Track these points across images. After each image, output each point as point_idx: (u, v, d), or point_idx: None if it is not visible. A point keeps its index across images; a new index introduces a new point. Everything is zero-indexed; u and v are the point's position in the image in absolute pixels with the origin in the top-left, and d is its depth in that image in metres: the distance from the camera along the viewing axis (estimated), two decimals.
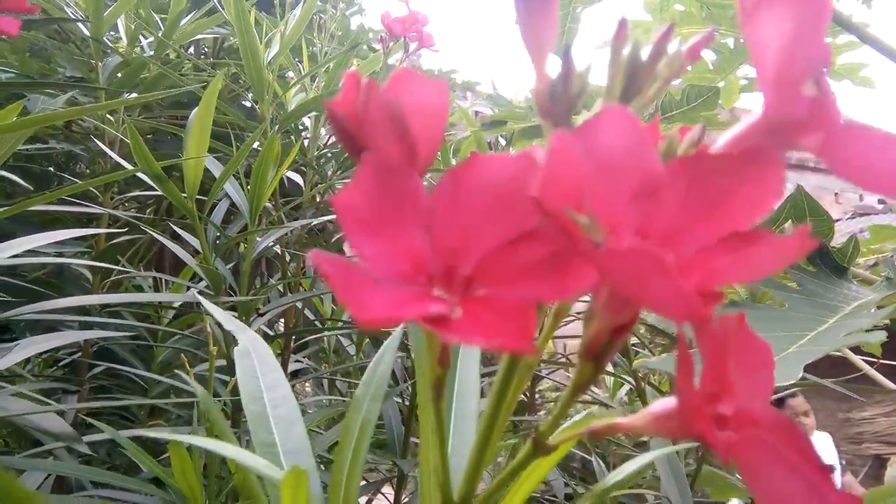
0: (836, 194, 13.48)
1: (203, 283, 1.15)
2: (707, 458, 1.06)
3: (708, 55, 1.92)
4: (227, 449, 0.34)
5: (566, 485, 1.45)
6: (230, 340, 1.01)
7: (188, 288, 1.25)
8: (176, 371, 1.22)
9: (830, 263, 0.70)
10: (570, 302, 0.23)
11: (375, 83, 0.23)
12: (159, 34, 1.39)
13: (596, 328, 0.22)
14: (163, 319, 1.31)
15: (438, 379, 0.25)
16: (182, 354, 1.28)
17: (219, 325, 0.71)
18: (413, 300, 0.20)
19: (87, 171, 1.50)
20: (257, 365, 0.47)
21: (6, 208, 0.81)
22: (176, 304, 1.30)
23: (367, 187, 0.22)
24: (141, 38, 1.43)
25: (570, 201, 0.18)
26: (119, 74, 1.31)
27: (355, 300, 0.18)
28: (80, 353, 1.21)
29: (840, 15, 1.22)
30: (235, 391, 0.94)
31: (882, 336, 0.46)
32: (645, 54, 0.22)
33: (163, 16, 1.45)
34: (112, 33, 1.43)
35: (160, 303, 1.27)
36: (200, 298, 0.55)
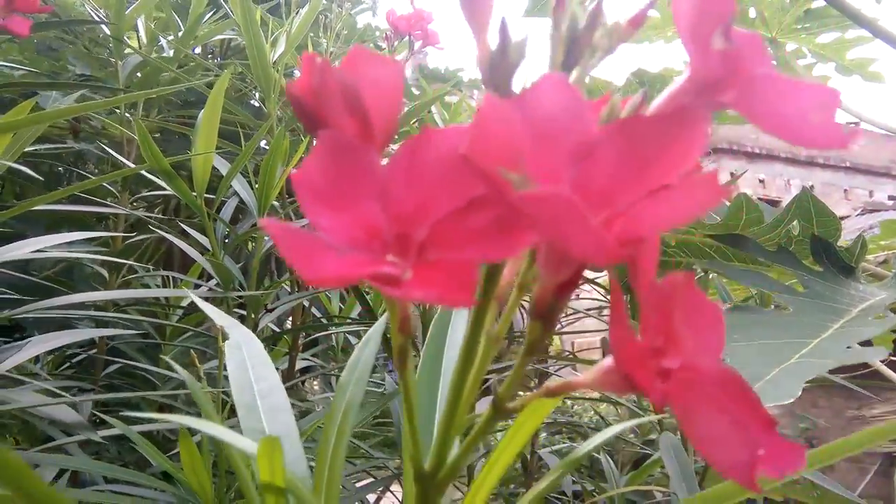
0: (845, 191, 13.34)
1: (213, 282, 1.17)
2: None
3: None
4: (210, 427, 0.35)
5: (574, 482, 1.45)
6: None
7: (197, 286, 1.27)
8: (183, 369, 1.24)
9: (838, 263, 0.69)
10: (534, 276, 0.24)
11: (328, 62, 0.24)
12: (179, 34, 1.41)
13: (540, 287, 0.23)
14: (171, 317, 1.33)
15: (401, 347, 0.26)
16: (192, 352, 1.30)
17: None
18: (365, 262, 0.21)
19: (97, 170, 1.53)
20: (247, 357, 0.48)
21: (23, 203, 0.83)
22: (184, 303, 1.32)
23: (323, 162, 0.23)
24: (160, 37, 1.45)
25: (502, 160, 0.19)
26: (138, 74, 1.34)
27: (304, 261, 0.19)
28: (94, 350, 1.23)
29: (851, 8, 1.21)
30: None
31: (883, 353, 0.45)
32: (583, 24, 0.22)
33: (182, 15, 1.48)
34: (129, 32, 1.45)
35: (168, 301, 1.29)
36: (191, 295, 0.56)
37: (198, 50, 1.80)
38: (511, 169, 0.19)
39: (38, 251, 0.85)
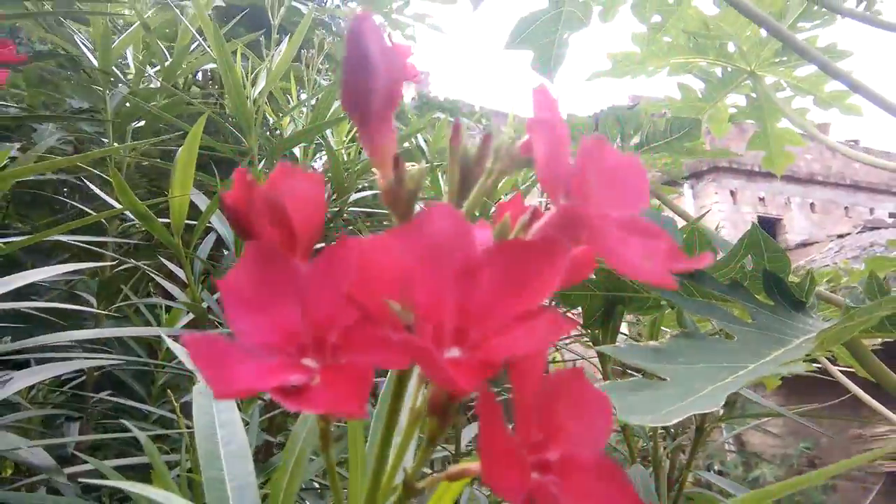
0: (846, 208, 13.43)
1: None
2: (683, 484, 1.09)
3: (697, 84, 1.96)
4: (158, 494, 0.37)
5: None
6: None
7: (188, 312, 1.29)
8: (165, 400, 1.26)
9: (789, 297, 0.73)
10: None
11: (254, 180, 0.27)
12: (166, 64, 1.44)
13: (433, 390, 0.25)
14: (162, 344, 1.35)
15: (322, 430, 0.28)
16: (180, 380, 1.32)
17: None
18: (275, 371, 0.23)
19: (76, 196, 1.55)
20: (213, 403, 0.50)
21: (33, 236, 0.85)
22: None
23: (249, 269, 0.26)
24: (148, 67, 1.49)
25: (389, 290, 0.22)
26: (127, 104, 1.37)
27: (213, 377, 0.22)
28: (84, 378, 1.26)
29: (807, 48, 1.25)
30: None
31: (800, 369, 0.48)
32: (473, 156, 0.25)
33: (168, 44, 1.51)
34: (120, 61, 1.48)
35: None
36: (167, 339, 0.58)
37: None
38: (398, 295, 0.22)
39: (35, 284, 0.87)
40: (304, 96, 1.52)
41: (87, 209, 1.25)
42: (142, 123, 1.40)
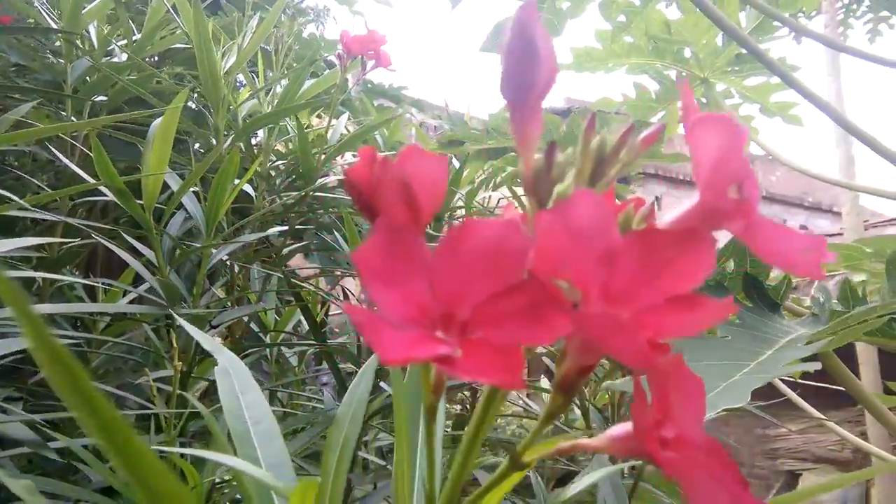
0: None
1: (142, 287, 1.15)
2: (642, 476, 1.13)
3: (652, 85, 2.03)
4: (237, 462, 0.37)
5: (504, 498, 1.51)
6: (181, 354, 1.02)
7: (125, 293, 1.25)
8: (107, 379, 1.22)
9: (766, 299, 0.77)
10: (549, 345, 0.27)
11: (389, 160, 0.27)
12: (134, 39, 1.38)
13: (567, 367, 0.27)
14: (98, 324, 1.30)
15: (432, 405, 0.29)
16: (115, 361, 1.28)
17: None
18: (424, 342, 0.24)
19: (31, 166, 1.48)
20: (237, 384, 0.50)
21: None
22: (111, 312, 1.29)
23: (380, 245, 0.26)
24: (113, 42, 1.42)
25: (554, 269, 0.23)
26: (88, 78, 1.30)
27: (379, 344, 0.23)
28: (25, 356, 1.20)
29: (771, 61, 1.32)
30: (180, 404, 0.96)
31: (817, 365, 0.52)
32: (610, 147, 0.27)
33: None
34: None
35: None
36: (181, 320, 0.57)
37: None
38: (559, 274, 0.23)
39: None
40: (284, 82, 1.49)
41: (43, 185, 1.19)
42: (103, 98, 1.34)
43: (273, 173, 1.48)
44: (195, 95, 1.49)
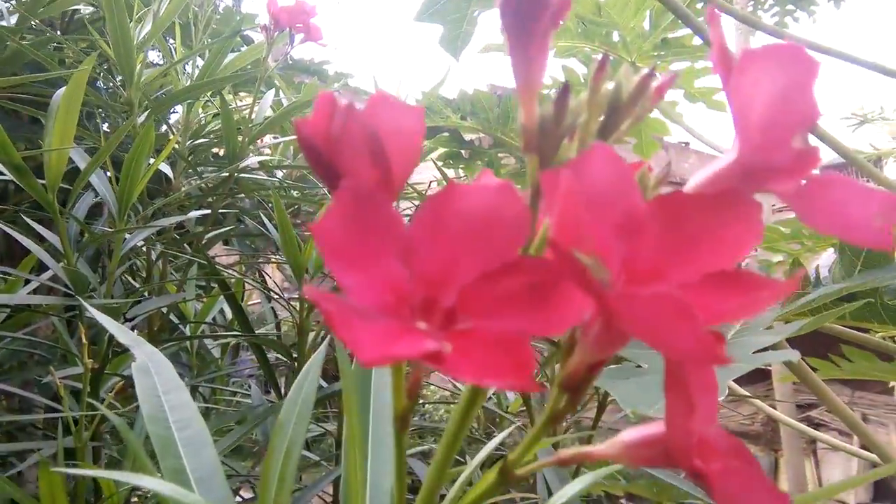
0: None
1: (46, 275, 1.05)
2: None
3: (580, 68, 2.02)
4: (154, 483, 0.31)
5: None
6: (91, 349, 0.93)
7: (27, 281, 1.14)
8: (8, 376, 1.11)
9: None
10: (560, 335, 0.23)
11: (354, 106, 0.22)
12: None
13: (577, 361, 0.22)
14: None
15: (405, 411, 0.24)
16: (18, 356, 1.16)
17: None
18: (405, 336, 0.19)
19: None
20: (159, 383, 0.44)
21: None
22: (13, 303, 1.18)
23: (346, 215, 0.21)
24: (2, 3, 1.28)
25: (574, 238, 0.19)
26: None
27: (355, 341, 0.17)
28: None
29: (708, 38, 1.31)
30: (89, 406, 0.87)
31: (797, 354, 0.49)
32: (626, 94, 0.22)
33: None
34: None
35: None
36: (93, 310, 0.50)
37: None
38: (581, 245, 0.18)
39: None
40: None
41: None
42: None
43: (191, 153, 1.37)
44: (106, 68, 1.37)
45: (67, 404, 0.84)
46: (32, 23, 1.18)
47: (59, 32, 1.68)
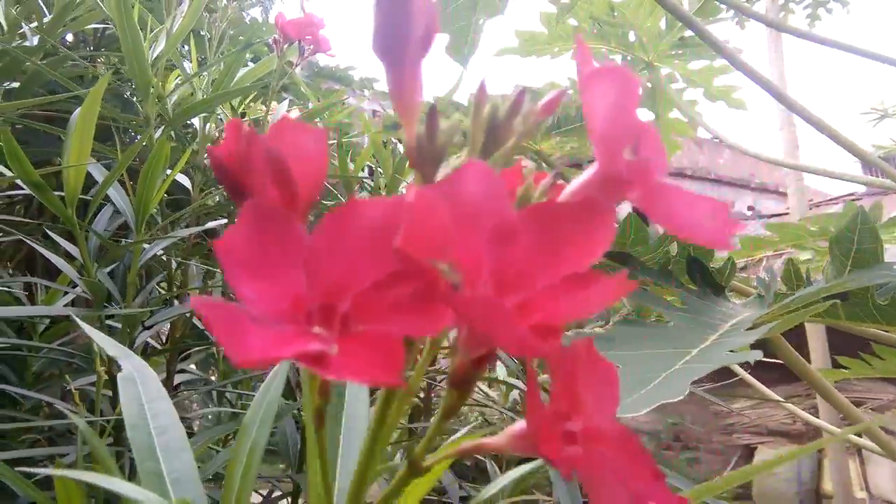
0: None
1: (80, 288, 1.10)
2: None
3: None
4: (114, 483, 0.34)
5: (461, 486, 1.49)
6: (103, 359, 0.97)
7: (66, 293, 1.19)
8: (49, 384, 1.16)
9: (710, 283, 0.76)
10: (440, 337, 0.25)
11: (255, 132, 0.24)
12: (45, 19, 1.30)
13: (458, 360, 0.24)
14: (38, 327, 1.24)
15: (318, 409, 0.26)
16: (57, 365, 1.22)
17: None
18: (291, 339, 0.21)
19: None
20: (142, 392, 0.46)
21: None
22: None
23: (248, 231, 0.23)
24: (23, 24, 1.34)
25: (432, 249, 0.20)
26: None
27: (233, 344, 0.19)
28: None
29: (716, 41, 1.31)
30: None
31: (759, 354, 0.50)
32: (503, 112, 0.24)
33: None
34: None
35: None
36: (80, 322, 0.53)
37: (69, 37, 1.68)
38: (439, 255, 0.20)
39: None
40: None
41: None
42: (15, 85, 1.27)
43: (208, 164, 1.42)
44: (128, 84, 1.42)
45: (85, 411, 0.88)
46: (50, 41, 1.23)
47: (91, 48, 1.75)
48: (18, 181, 0.93)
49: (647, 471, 0.24)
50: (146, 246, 1.12)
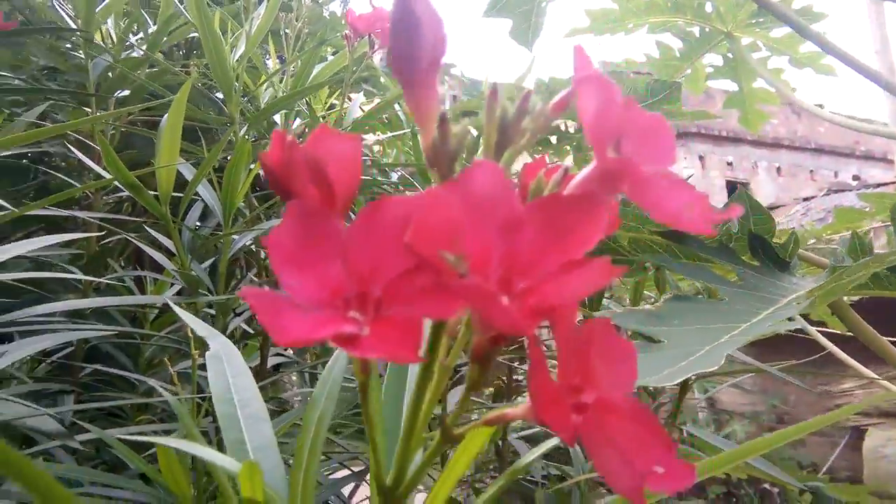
0: (811, 171, 13.63)
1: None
2: None
3: (675, 43, 1.97)
4: (195, 448, 0.38)
5: (543, 467, 1.51)
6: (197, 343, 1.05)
7: (172, 284, 1.29)
8: (158, 369, 1.27)
9: (773, 258, 0.75)
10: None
11: (295, 141, 0.27)
12: (149, 31, 1.40)
13: (476, 339, 0.27)
14: (148, 316, 1.35)
15: (362, 384, 0.30)
16: (166, 351, 1.32)
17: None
18: (326, 322, 0.25)
19: (63, 164, 1.52)
20: (227, 368, 0.51)
21: (13, 212, 0.84)
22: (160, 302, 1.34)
23: (292, 228, 0.26)
24: (131, 36, 1.45)
25: (439, 242, 0.23)
26: (109, 74, 1.33)
27: (274, 326, 0.23)
28: (72, 349, 1.25)
29: (793, 18, 1.27)
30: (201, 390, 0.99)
31: (791, 325, 0.50)
32: (512, 113, 0.26)
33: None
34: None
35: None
36: (174, 306, 0.59)
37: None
38: (450, 247, 0.23)
39: (19, 257, 0.86)
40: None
41: (69, 180, 1.23)
42: (126, 93, 1.37)
43: None
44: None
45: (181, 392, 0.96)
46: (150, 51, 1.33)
47: (183, 52, 1.87)
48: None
49: (658, 440, 0.26)
50: (235, 238, 1.19)
